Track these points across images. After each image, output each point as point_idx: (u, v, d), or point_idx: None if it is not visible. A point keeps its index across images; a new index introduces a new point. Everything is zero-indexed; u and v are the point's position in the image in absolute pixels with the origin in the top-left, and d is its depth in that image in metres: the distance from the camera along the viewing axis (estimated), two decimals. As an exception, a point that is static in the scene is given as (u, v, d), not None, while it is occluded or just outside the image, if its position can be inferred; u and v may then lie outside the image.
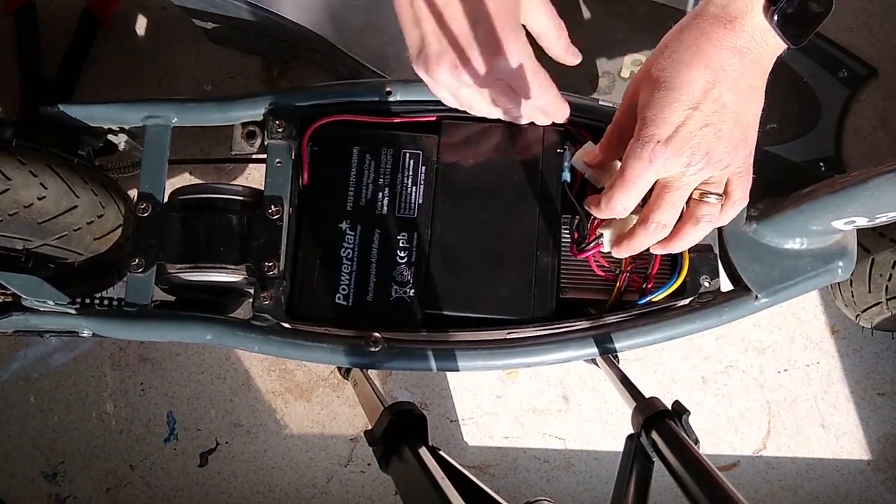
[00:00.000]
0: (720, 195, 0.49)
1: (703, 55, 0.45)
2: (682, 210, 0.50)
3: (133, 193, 0.60)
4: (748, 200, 0.50)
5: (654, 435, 0.54)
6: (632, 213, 0.52)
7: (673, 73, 0.46)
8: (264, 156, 0.58)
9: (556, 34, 0.51)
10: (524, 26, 0.50)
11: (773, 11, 0.44)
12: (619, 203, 0.49)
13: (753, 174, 0.49)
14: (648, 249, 0.52)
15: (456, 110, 0.56)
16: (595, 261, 0.58)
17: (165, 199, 0.57)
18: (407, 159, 0.58)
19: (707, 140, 0.46)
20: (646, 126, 0.47)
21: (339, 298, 0.56)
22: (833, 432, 1.01)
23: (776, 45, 0.47)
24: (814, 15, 0.45)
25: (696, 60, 0.46)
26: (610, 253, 0.57)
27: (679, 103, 0.46)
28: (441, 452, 0.56)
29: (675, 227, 0.50)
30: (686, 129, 0.46)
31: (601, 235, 0.57)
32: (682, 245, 0.51)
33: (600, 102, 0.59)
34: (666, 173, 0.47)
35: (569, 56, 0.52)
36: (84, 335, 0.56)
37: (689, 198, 0.49)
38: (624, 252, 0.52)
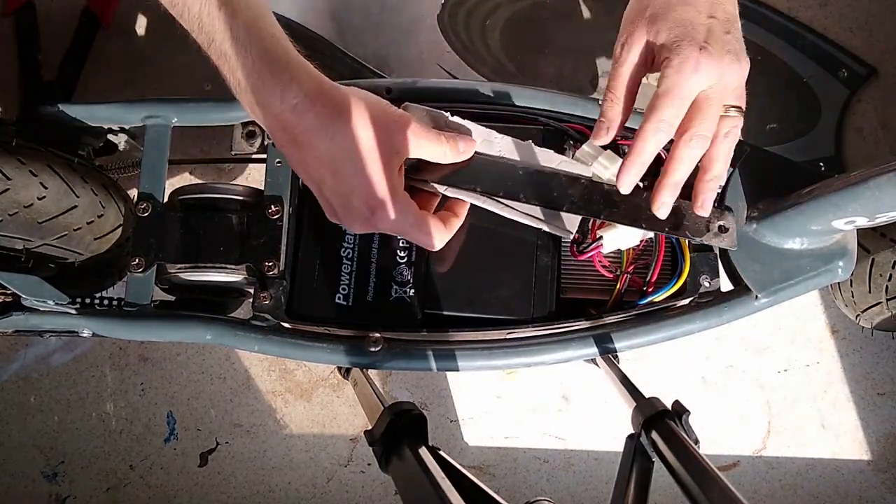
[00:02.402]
0: (740, 108, 0.50)
1: None
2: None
3: (133, 193, 0.60)
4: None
5: (654, 435, 0.54)
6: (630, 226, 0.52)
7: None
8: (264, 156, 0.58)
9: (445, 154, 0.51)
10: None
11: None
12: (665, 116, 0.48)
13: (752, 174, 0.49)
14: (693, 184, 0.51)
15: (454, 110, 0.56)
16: (598, 261, 0.58)
17: (165, 199, 0.57)
18: (407, 159, 0.58)
19: (734, 45, 0.47)
20: (679, 40, 0.47)
21: (338, 298, 0.56)
22: (833, 432, 1.01)
23: None
24: None
25: None
26: (610, 255, 0.57)
27: (698, 15, 0.47)
28: (441, 452, 0.56)
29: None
30: (715, 34, 0.47)
31: (601, 237, 0.57)
32: (718, 165, 0.50)
33: (601, 102, 0.58)
34: (708, 82, 0.48)
35: (460, 156, 0.52)
36: (84, 335, 0.56)
37: None
38: (667, 187, 0.50)
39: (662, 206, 0.50)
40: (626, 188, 0.51)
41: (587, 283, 0.60)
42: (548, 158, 0.55)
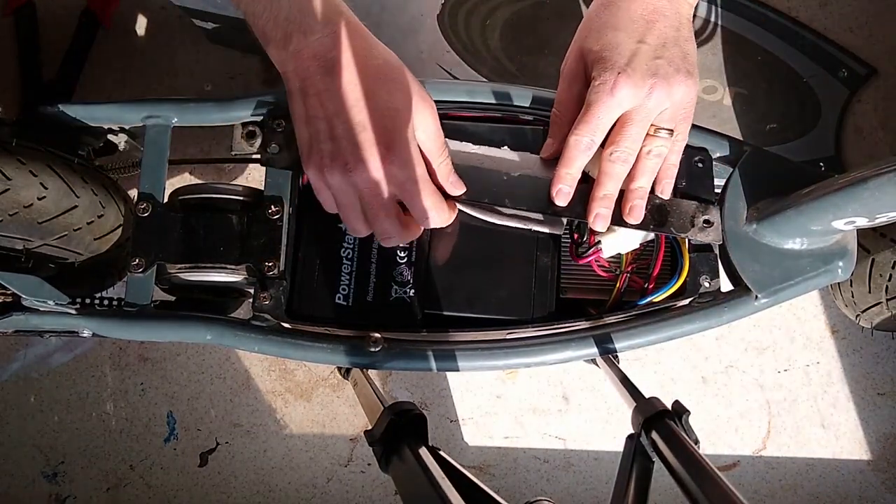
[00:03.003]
0: (670, 131, 0.52)
1: (635, 1, 0.50)
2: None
3: (133, 193, 0.60)
4: (685, 144, 0.54)
5: (654, 435, 0.54)
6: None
7: (613, 18, 0.50)
8: (264, 156, 0.58)
9: (439, 155, 0.52)
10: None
11: None
12: (586, 136, 0.51)
13: (752, 174, 0.50)
14: (623, 208, 0.53)
15: (454, 109, 0.56)
16: (596, 261, 0.58)
17: (165, 199, 0.57)
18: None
19: (663, 69, 0.49)
20: (602, 63, 0.50)
21: (339, 298, 0.56)
22: (833, 432, 1.01)
23: None
24: None
25: (632, 5, 0.50)
26: (610, 258, 0.57)
27: (627, 39, 0.49)
28: (441, 452, 0.56)
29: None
30: (640, 58, 0.49)
31: (599, 242, 0.57)
32: (643, 178, 0.53)
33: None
34: (629, 105, 0.50)
35: (448, 184, 0.52)
36: (84, 335, 0.56)
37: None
38: (597, 200, 0.52)
39: (597, 219, 0.53)
40: (562, 200, 0.53)
41: (587, 284, 0.60)
42: (532, 161, 0.56)
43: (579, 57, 0.52)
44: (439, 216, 0.52)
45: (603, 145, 0.52)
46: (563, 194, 0.53)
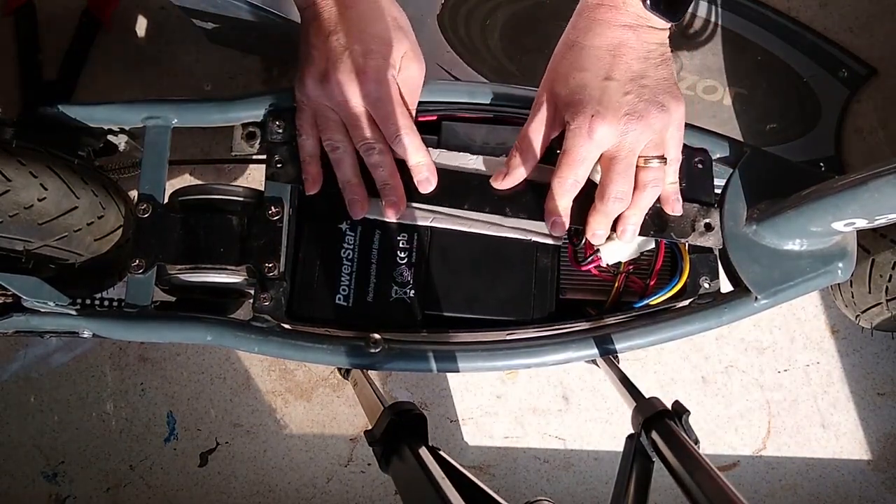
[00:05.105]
0: (662, 158, 0.52)
1: (600, 36, 0.50)
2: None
3: (133, 194, 0.60)
4: (681, 158, 0.54)
5: (654, 435, 0.54)
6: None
7: (579, 59, 0.50)
8: (264, 156, 0.58)
9: (411, 102, 0.55)
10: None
11: None
12: (569, 178, 0.51)
13: (752, 175, 0.50)
14: (616, 228, 0.54)
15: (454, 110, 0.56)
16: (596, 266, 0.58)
17: (165, 200, 0.57)
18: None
19: (634, 104, 0.49)
20: (574, 107, 0.50)
21: (339, 299, 0.56)
22: (833, 432, 1.01)
23: (660, 22, 0.51)
24: None
25: (595, 41, 0.50)
26: (610, 265, 0.57)
27: (595, 78, 0.49)
28: (441, 452, 0.56)
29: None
30: (610, 96, 0.49)
31: (598, 250, 0.57)
32: (638, 213, 0.53)
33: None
34: (608, 144, 0.50)
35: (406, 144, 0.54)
36: (84, 336, 0.56)
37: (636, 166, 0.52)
38: (596, 233, 0.54)
39: (595, 237, 0.54)
40: (558, 231, 0.55)
41: (586, 284, 0.60)
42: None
43: (550, 100, 0.52)
44: (410, 139, 0.53)
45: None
46: (558, 225, 0.54)
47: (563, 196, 0.53)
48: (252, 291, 0.57)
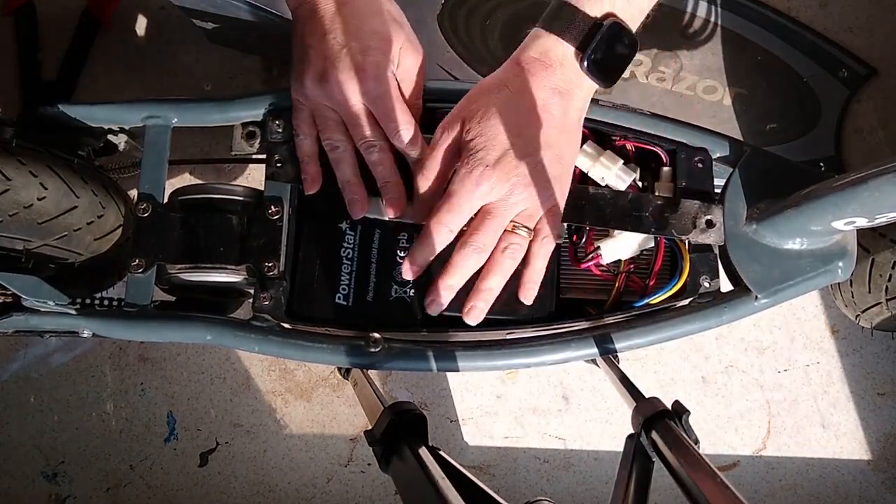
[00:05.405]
0: (530, 229, 0.52)
1: (526, 92, 0.49)
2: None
3: (133, 194, 0.60)
4: (557, 241, 0.54)
5: (654, 435, 0.54)
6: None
7: (499, 104, 0.49)
8: (264, 156, 0.58)
9: (414, 94, 0.55)
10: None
11: (582, 58, 0.48)
12: (447, 225, 0.51)
13: (752, 174, 0.49)
14: (469, 299, 0.53)
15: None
16: (596, 265, 0.58)
17: (165, 200, 0.57)
18: (407, 159, 0.58)
19: (530, 170, 0.49)
20: (473, 152, 0.49)
21: (339, 298, 0.56)
22: (833, 432, 1.01)
23: (591, 86, 0.51)
24: (621, 57, 0.49)
25: (520, 96, 0.49)
26: (610, 263, 0.57)
27: (503, 132, 0.49)
28: (441, 452, 0.56)
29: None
30: (511, 156, 0.49)
31: (598, 248, 0.57)
32: (494, 278, 0.52)
33: (600, 103, 0.59)
34: (491, 198, 0.50)
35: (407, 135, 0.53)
36: (84, 335, 0.56)
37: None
38: (449, 283, 0.53)
39: (432, 305, 0.53)
40: (409, 275, 0.54)
41: (586, 284, 0.60)
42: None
43: (457, 128, 0.51)
44: (411, 136, 0.53)
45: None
46: (412, 273, 0.53)
47: (434, 244, 0.51)
48: (252, 291, 0.57)
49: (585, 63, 0.48)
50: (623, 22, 0.49)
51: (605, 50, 0.48)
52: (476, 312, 0.53)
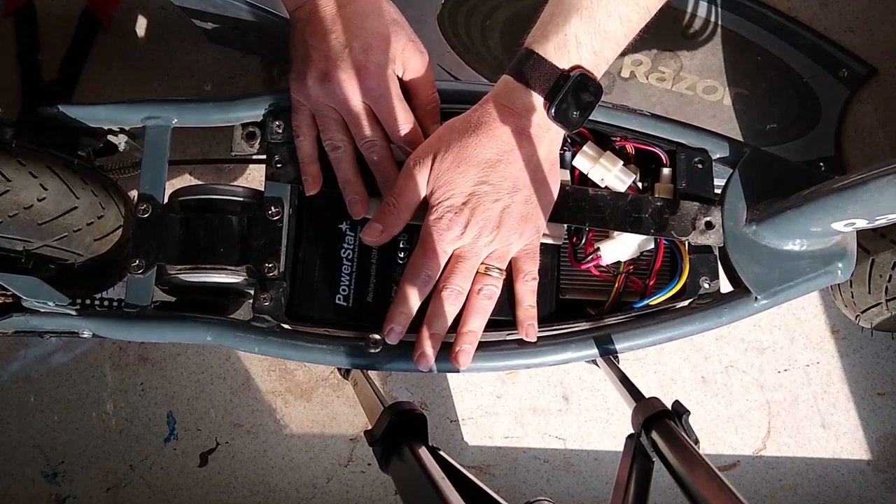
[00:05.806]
0: (502, 270, 0.53)
1: (493, 135, 0.50)
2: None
3: (133, 194, 0.60)
4: (538, 278, 0.54)
5: (654, 435, 0.54)
6: None
7: (465, 149, 0.50)
8: (264, 156, 0.58)
9: (427, 88, 0.56)
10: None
11: (549, 107, 0.49)
12: (417, 263, 0.52)
13: (752, 175, 0.49)
14: (454, 345, 0.53)
15: (453, 109, 0.56)
16: (596, 266, 0.58)
17: (165, 200, 0.57)
18: (407, 160, 0.58)
19: (497, 213, 0.50)
20: (441, 196, 0.50)
21: (339, 299, 0.56)
22: (833, 432, 1.01)
23: (559, 130, 0.52)
24: (586, 104, 0.49)
25: (487, 139, 0.50)
26: (610, 264, 0.57)
27: (472, 177, 0.50)
28: (441, 452, 0.56)
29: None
30: (478, 201, 0.50)
31: (598, 249, 0.57)
32: (474, 320, 0.53)
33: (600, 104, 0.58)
34: (461, 243, 0.51)
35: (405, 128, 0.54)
36: (84, 336, 0.56)
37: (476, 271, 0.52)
38: (423, 339, 0.53)
39: (422, 358, 0.53)
40: (393, 339, 0.53)
41: (586, 284, 0.60)
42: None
43: (428, 166, 0.51)
44: (412, 136, 0.54)
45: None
46: (395, 334, 0.53)
47: (413, 295, 0.52)
48: (252, 291, 0.57)
49: (553, 111, 0.49)
50: (589, 72, 0.49)
51: (571, 99, 0.49)
52: (464, 356, 0.53)
